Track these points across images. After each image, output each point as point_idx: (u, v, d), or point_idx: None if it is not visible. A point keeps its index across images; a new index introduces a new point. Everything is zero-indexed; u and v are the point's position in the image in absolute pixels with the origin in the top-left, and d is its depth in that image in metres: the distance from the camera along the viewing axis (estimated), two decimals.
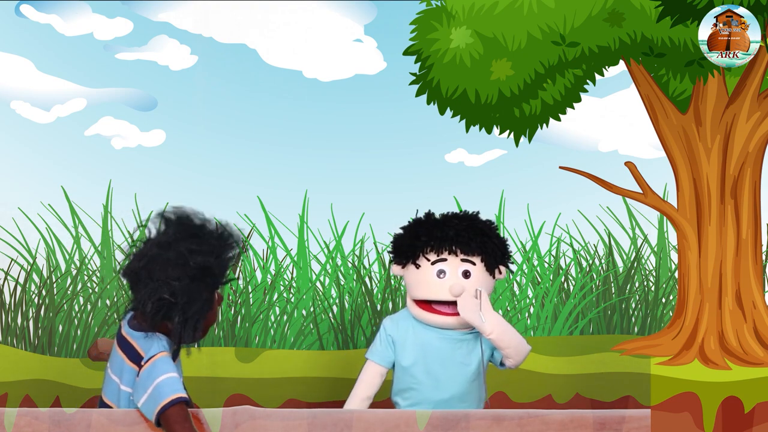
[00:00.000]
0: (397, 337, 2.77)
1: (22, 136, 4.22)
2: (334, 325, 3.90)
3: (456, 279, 2.67)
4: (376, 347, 2.80)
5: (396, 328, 2.78)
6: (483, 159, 4.33)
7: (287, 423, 2.35)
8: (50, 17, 4.23)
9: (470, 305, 2.67)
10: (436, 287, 2.69)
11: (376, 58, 4.31)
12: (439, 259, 2.68)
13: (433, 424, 2.33)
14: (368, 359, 2.81)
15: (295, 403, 3.54)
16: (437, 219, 2.76)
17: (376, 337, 2.81)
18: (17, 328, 3.85)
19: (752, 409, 2.45)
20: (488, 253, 2.70)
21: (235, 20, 4.29)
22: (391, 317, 2.84)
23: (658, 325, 3.94)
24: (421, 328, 2.74)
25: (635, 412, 2.34)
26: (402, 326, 2.78)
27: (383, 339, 2.79)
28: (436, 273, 2.68)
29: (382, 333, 2.80)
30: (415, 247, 2.71)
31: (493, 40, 2.69)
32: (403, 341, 2.75)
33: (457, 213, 2.79)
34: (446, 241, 2.68)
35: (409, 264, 2.73)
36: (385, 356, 2.78)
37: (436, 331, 2.72)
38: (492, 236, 2.74)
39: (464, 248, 2.68)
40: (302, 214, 4.14)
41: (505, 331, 2.69)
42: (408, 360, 2.73)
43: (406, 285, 2.79)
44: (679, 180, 2.86)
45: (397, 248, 2.77)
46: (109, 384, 2.53)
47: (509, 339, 2.70)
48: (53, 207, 4.06)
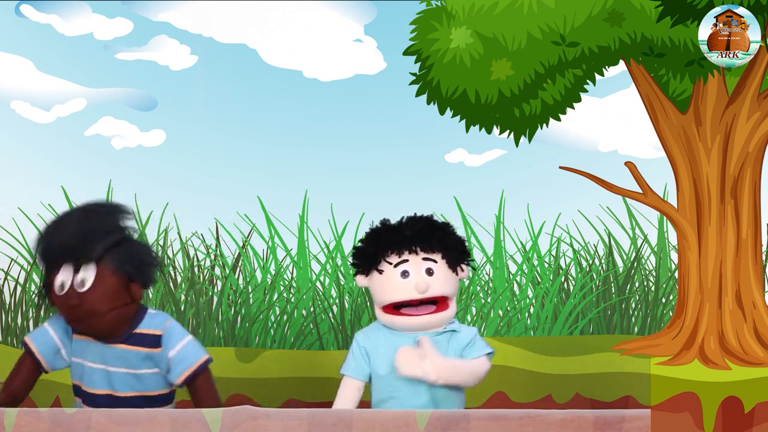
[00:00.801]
0: (370, 348, 2.76)
1: (22, 136, 4.23)
2: (334, 325, 3.90)
3: (420, 277, 2.68)
4: (349, 362, 2.79)
5: (368, 339, 2.78)
6: (483, 159, 4.33)
7: (287, 423, 2.35)
8: (50, 17, 4.23)
9: (406, 359, 2.67)
10: (402, 288, 2.68)
11: (376, 58, 4.32)
12: (401, 261, 2.68)
13: (433, 424, 2.33)
14: (344, 375, 2.79)
15: (295, 403, 3.53)
16: (394, 224, 2.76)
17: (349, 352, 2.80)
18: (17, 328, 3.85)
19: (752, 409, 2.45)
20: (449, 249, 2.71)
21: (235, 20, 4.29)
22: (363, 330, 2.83)
23: (658, 325, 3.94)
24: (392, 336, 2.74)
25: (635, 412, 2.34)
26: (373, 337, 2.77)
27: (356, 352, 2.78)
28: (400, 274, 2.68)
29: (354, 347, 2.79)
30: (376, 253, 2.71)
31: (493, 40, 2.69)
32: (376, 350, 2.75)
33: (412, 216, 2.79)
34: (405, 241, 2.68)
35: (373, 271, 2.73)
36: (361, 369, 2.77)
37: (407, 336, 2.72)
38: (450, 233, 2.75)
39: (424, 246, 2.68)
40: (302, 214, 4.14)
41: (453, 374, 2.67)
42: (384, 368, 2.72)
43: (372, 294, 2.78)
44: (679, 180, 2.86)
45: (358, 259, 2.77)
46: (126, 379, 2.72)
47: (461, 378, 2.70)
48: (53, 207, 4.06)
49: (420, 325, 2.70)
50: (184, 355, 2.70)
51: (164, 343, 2.71)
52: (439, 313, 2.69)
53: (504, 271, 4.09)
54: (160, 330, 2.72)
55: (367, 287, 2.79)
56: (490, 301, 4.02)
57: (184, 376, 2.69)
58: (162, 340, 2.71)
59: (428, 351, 2.66)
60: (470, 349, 2.76)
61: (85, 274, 2.60)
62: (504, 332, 3.94)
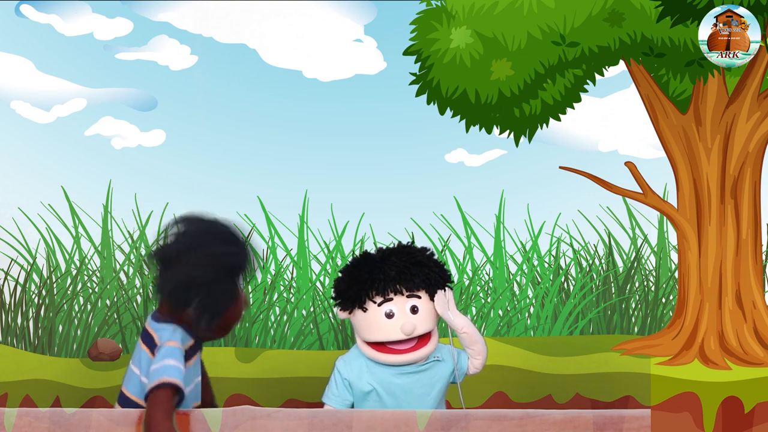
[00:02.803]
0: (353, 380, 2.73)
1: (22, 136, 4.23)
2: (334, 325, 3.90)
3: (405, 317, 2.65)
4: (332, 391, 2.73)
5: (350, 370, 2.73)
6: (483, 159, 4.33)
7: (287, 423, 2.35)
8: (50, 17, 4.23)
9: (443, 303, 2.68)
10: (388, 329, 2.66)
11: (376, 58, 4.32)
12: (386, 300, 2.66)
13: (433, 424, 2.33)
14: (325, 404, 2.73)
15: (295, 403, 3.53)
16: (375, 258, 2.72)
17: (331, 380, 2.74)
18: (17, 328, 3.85)
19: (752, 409, 2.45)
20: (431, 285, 2.69)
21: (235, 20, 4.29)
22: (343, 358, 2.78)
23: (658, 325, 3.94)
24: (376, 368, 2.71)
25: (635, 412, 2.34)
26: (355, 367, 2.73)
27: (339, 383, 2.73)
28: (385, 314, 2.66)
29: (337, 376, 2.74)
30: (359, 291, 2.68)
31: (493, 40, 2.69)
32: (359, 382, 2.72)
33: (394, 248, 2.75)
34: (389, 281, 2.65)
35: (356, 309, 2.70)
36: (344, 400, 2.73)
37: (391, 369, 2.70)
38: (432, 266, 2.72)
39: (408, 285, 2.66)
40: (302, 214, 4.14)
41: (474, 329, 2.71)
42: (369, 402, 2.70)
43: (354, 327, 2.75)
44: (679, 180, 2.86)
45: (340, 294, 2.73)
46: (131, 377, 2.55)
47: (476, 334, 2.72)
48: (53, 207, 4.06)
49: (408, 360, 2.68)
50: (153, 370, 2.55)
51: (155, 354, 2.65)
52: (422, 348, 2.67)
53: (504, 271, 4.09)
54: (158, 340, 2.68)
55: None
56: (490, 301, 4.01)
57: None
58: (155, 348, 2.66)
59: (451, 303, 2.68)
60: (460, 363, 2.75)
61: None
62: (504, 332, 3.94)
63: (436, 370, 2.73)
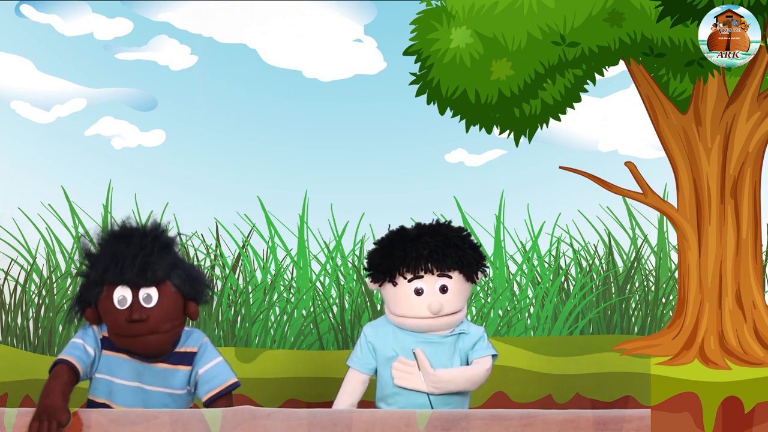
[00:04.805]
0: (377, 344, 2.77)
1: (22, 136, 4.23)
2: (334, 325, 3.90)
3: (434, 296, 2.68)
4: (356, 354, 2.80)
5: (376, 335, 2.78)
6: (483, 159, 4.33)
7: (287, 423, 2.35)
8: (50, 17, 4.23)
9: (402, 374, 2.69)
10: (416, 305, 2.69)
11: (376, 58, 4.31)
12: (416, 277, 2.68)
13: (433, 424, 2.33)
14: (350, 367, 2.80)
15: (295, 403, 3.53)
16: (411, 235, 2.74)
17: (357, 344, 2.81)
18: (17, 328, 3.85)
19: (752, 409, 2.45)
20: (464, 266, 2.71)
21: (235, 20, 4.29)
22: (371, 324, 2.84)
23: (658, 325, 3.94)
24: (401, 334, 2.75)
25: (635, 412, 2.34)
26: (382, 333, 2.78)
27: (363, 346, 2.79)
28: (414, 291, 2.69)
29: (362, 340, 2.80)
30: (391, 266, 2.71)
31: (493, 40, 2.69)
32: (384, 347, 2.76)
33: (430, 226, 2.77)
34: (421, 259, 2.68)
35: (386, 282, 2.73)
36: (367, 363, 2.78)
37: (416, 335, 2.73)
38: (466, 248, 2.73)
39: (440, 265, 2.68)
40: (302, 214, 4.14)
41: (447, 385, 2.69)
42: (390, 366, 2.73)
43: (383, 299, 2.78)
44: (679, 180, 2.86)
45: (373, 266, 2.77)
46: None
47: (456, 388, 2.72)
48: (53, 207, 4.06)
49: (431, 327, 2.71)
50: (213, 374, 2.70)
51: (196, 360, 2.71)
52: (449, 316, 2.70)
53: (504, 271, 4.09)
54: (195, 347, 2.74)
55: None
56: (490, 301, 4.01)
57: (211, 394, 2.69)
58: (195, 357, 2.72)
59: (422, 364, 2.68)
60: (474, 351, 2.76)
61: (148, 290, 2.57)
62: (504, 332, 3.94)
63: (460, 342, 2.76)
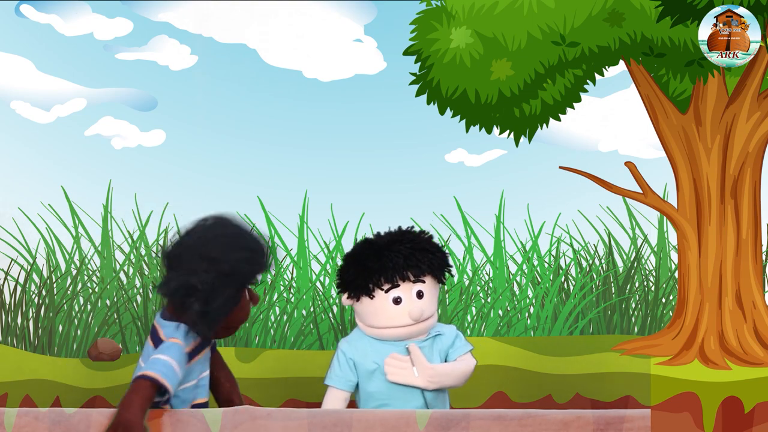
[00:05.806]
0: (357, 359, 2.74)
1: (22, 136, 4.23)
2: (334, 325, 3.90)
3: (412, 303, 2.67)
4: (335, 372, 2.74)
5: (355, 349, 2.74)
6: (483, 159, 4.33)
7: (287, 423, 2.35)
8: (50, 17, 4.23)
9: (396, 366, 2.68)
10: (395, 315, 2.67)
11: (376, 58, 4.32)
12: (393, 286, 2.67)
13: (433, 424, 2.33)
14: (329, 386, 2.74)
15: (295, 403, 3.53)
16: (381, 244, 2.72)
17: (333, 362, 2.75)
18: (17, 328, 3.85)
19: (752, 409, 2.45)
20: (436, 269, 2.71)
21: (235, 20, 4.29)
22: (346, 340, 2.79)
23: (658, 325, 3.94)
24: (379, 345, 2.73)
25: (635, 412, 2.34)
26: (360, 346, 2.74)
27: (342, 363, 2.74)
28: (393, 300, 2.67)
29: (340, 357, 2.74)
30: (367, 279, 2.69)
31: (493, 40, 2.69)
32: (364, 361, 2.73)
33: (397, 234, 2.75)
34: (399, 267, 2.67)
35: (362, 296, 2.70)
36: (347, 380, 2.73)
37: (395, 344, 2.71)
38: (435, 251, 2.73)
39: (415, 271, 2.67)
40: (302, 214, 4.14)
41: (443, 379, 2.68)
42: (374, 381, 2.71)
43: (358, 314, 2.75)
44: (679, 180, 2.86)
45: (348, 282, 2.73)
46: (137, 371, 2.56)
47: (451, 382, 2.71)
48: (53, 207, 4.06)
49: (410, 334, 2.70)
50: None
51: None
52: (426, 321, 2.69)
53: (504, 271, 4.09)
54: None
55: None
56: (490, 301, 4.01)
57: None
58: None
59: (418, 359, 2.67)
60: (454, 349, 2.76)
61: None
62: (504, 332, 3.94)
63: (437, 344, 2.76)
